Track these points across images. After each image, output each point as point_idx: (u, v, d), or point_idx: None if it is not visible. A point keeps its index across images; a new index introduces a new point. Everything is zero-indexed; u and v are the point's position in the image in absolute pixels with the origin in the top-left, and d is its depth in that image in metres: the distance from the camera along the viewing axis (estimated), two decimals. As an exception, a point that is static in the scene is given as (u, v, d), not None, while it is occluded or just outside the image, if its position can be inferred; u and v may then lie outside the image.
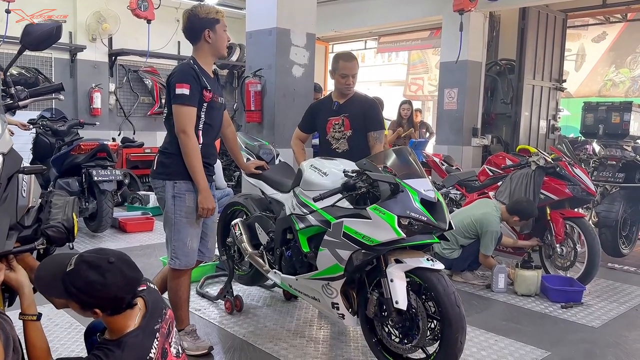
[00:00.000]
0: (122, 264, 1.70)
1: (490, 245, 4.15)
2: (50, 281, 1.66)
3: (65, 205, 1.88)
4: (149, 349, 1.71)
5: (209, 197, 2.80)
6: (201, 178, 2.76)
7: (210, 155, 2.94)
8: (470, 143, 7.54)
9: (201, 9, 2.83)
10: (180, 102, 2.72)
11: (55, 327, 3.11)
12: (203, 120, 2.83)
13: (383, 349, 2.73)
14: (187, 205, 2.81)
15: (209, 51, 2.88)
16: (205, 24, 2.81)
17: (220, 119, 3.00)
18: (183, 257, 2.86)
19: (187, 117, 2.73)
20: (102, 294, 1.65)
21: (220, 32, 2.85)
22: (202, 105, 2.81)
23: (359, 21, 9.20)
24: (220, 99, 2.95)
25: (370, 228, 2.48)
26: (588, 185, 4.39)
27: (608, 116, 5.40)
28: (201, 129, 2.83)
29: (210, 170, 2.95)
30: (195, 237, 2.89)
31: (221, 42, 2.87)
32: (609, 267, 5.00)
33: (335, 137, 3.59)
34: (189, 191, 2.81)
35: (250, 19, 4.90)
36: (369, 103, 3.63)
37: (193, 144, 2.73)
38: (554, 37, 8.13)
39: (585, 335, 3.37)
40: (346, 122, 3.55)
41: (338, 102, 3.60)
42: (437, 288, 2.47)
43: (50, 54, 8.18)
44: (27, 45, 1.82)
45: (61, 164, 5.73)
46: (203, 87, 2.78)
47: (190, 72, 2.77)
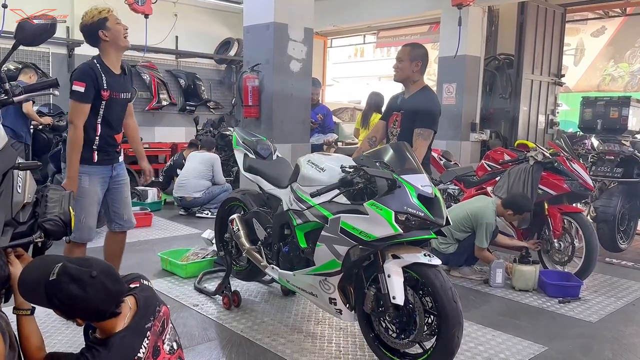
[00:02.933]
0: (104, 278, 1.68)
1: (485, 238, 4.14)
2: (34, 287, 1.64)
3: (61, 199, 1.88)
4: (137, 349, 1.71)
5: (74, 184, 3.06)
6: (73, 166, 3.07)
7: (109, 145, 3.24)
8: (469, 138, 7.53)
9: (86, 15, 3.15)
10: (75, 98, 3.05)
11: (54, 321, 3.13)
12: (101, 115, 3.14)
13: (380, 344, 2.73)
14: (81, 185, 3.12)
15: (110, 48, 3.14)
16: (95, 26, 3.10)
17: (121, 112, 3.31)
18: (76, 231, 3.08)
19: (77, 111, 3.06)
20: (82, 306, 1.64)
21: (112, 26, 3.10)
22: (101, 103, 3.11)
23: (357, 15, 9.17)
24: (124, 94, 3.26)
25: (368, 224, 2.47)
26: (586, 180, 4.39)
27: (606, 111, 5.39)
28: (99, 123, 3.15)
29: (112, 154, 3.28)
30: (89, 214, 3.19)
31: (117, 35, 3.11)
32: (606, 262, 5.01)
33: (392, 132, 3.62)
34: (84, 173, 3.13)
35: (248, 13, 4.87)
36: (428, 99, 3.54)
37: (78, 136, 3.06)
38: (553, 32, 8.10)
39: (583, 330, 3.38)
40: (399, 120, 3.55)
41: (403, 96, 3.62)
42: (434, 283, 2.47)
43: (48, 49, 8.13)
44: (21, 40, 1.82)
45: (59, 160, 5.71)
46: (100, 87, 3.07)
47: (90, 72, 3.06)
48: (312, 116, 5.80)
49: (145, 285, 1.90)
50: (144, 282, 1.91)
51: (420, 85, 3.60)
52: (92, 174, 3.16)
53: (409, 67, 3.52)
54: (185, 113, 9.54)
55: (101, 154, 3.19)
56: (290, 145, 4.76)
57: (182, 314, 3.42)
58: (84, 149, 3.11)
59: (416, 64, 3.53)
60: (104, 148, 3.20)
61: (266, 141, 3.69)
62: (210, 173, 6.83)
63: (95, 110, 3.11)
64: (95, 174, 3.18)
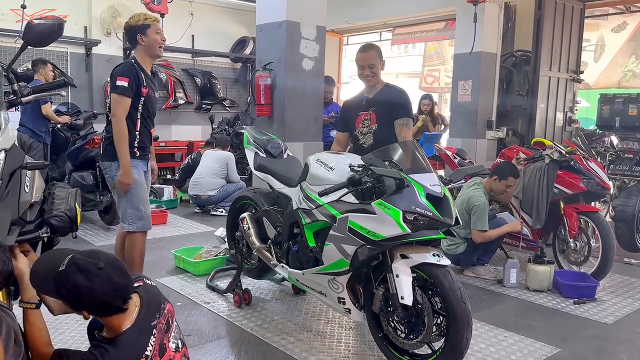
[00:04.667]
0: (111, 270, 1.69)
1: (482, 221, 4.08)
2: (44, 278, 1.68)
3: (67, 196, 1.91)
4: (144, 347, 1.72)
5: (128, 174, 3.26)
6: (125, 156, 3.23)
7: (146, 140, 3.44)
8: (485, 136, 7.44)
9: (132, 18, 3.34)
10: (119, 92, 3.22)
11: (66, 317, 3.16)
12: (140, 111, 3.33)
13: (389, 344, 2.72)
14: (134, 177, 3.31)
15: (144, 52, 3.34)
16: (137, 29, 3.30)
17: (155, 111, 3.50)
18: (139, 220, 3.37)
19: (120, 105, 3.23)
20: (88, 298, 1.66)
21: (151, 35, 3.29)
22: (140, 99, 3.29)
23: (372, 13, 9.12)
24: (156, 93, 3.50)
25: (376, 223, 2.46)
26: (603, 179, 4.31)
27: (625, 108, 5.29)
28: (139, 119, 3.33)
29: (147, 150, 3.47)
30: (146, 202, 3.40)
31: (152, 44, 3.31)
32: (624, 262, 4.92)
33: (363, 132, 3.58)
34: (133, 166, 3.30)
35: (260, 12, 4.88)
36: (396, 92, 3.57)
37: (122, 127, 3.22)
38: (571, 28, 7.96)
39: (597, 332, 3.32)
40: (373, 116, 3.53)
41: (367, 97, 3.60)
42: (443, 284, 2.45)
43: (66, 48, 8.26)
44: (29, 41, 1.84)
45: (76, 158, 5.81)
46: (141, 84, 3.27)
47: (132, 69, 3.26)
48: (325, 114, 5.79)
49: (149, 283, 1.92)
50: (147, 281, 1.93)
51: (383, 83, 3.59)
52: (137, 166, 3.35)
53: (380, 67, 3.53)
54: (201, 111, 9.61)
55: (140, 150, 3.38)
56: (302, 144, 4.77)
57: (194, 312, 3.44)
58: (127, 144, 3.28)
59: (383, 62, 3.55)
60: (142, 145, 3.39)
61: (277, 140, 3.69)
62: (225, 171, 6.87)
63: (135, 107, 3.28)
64: (138, 167, 3.37)
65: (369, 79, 3.53)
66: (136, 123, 3.33)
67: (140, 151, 3.39)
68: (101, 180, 5.60)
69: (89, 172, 5.66)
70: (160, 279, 4.02)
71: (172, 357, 1.83)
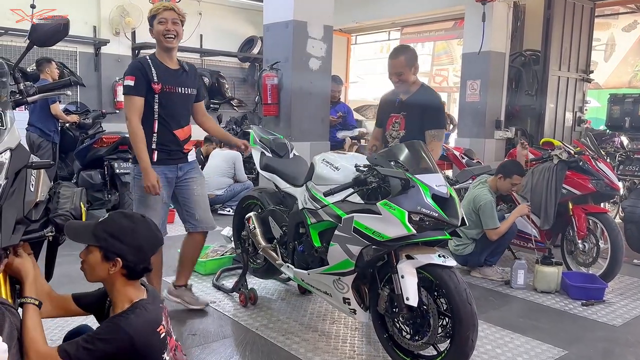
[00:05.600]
0: (152, 222, 1.86)
1: (492, 219, 4.07)
2: (79, 228, 1.79)
3: (73, 195, 1.91)
4: (160, 318, 1.76)
5: (149, 175, 3.02)
6: (141, 158, 3.03)
7: (169, 142, 3.17)
8: (493, 136, 7.40)
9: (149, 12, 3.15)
10: (126, 92, 3.06)
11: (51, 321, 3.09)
12: (157, 111, 3.10)
13: (394, 345, 2.70)
14: (142, 184, 3.08)
15: (157, 45, 3.16)
16: (149, 22, 3.15)
17: (181, 108, 3.22)
18: None
19: (130, 105, 3.05)
20: (130, 239, 1.75)
21: (156, 26, 3.10)
22: (154, 97, 3.07)
23: (380, 12, 9.09)
24: (182, 89, 3.19)
25: (381, 223, 2.45)
26: (612, 179, 4.28)
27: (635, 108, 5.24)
28: (156, 119, 3.10)
29: (175, 154, 3.22)
30: (153, 213, 3.08)
31: (157, 36, 3.11)
32: (634, 263, 4.87)
33: (392, 135, 3.51)
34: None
35: (268, 11, 4.88)
36: (430, 97, 3.45)
37: (134, 129, 3.03)
38: (581, 27, 7.89)
39: (605, 334, 3.29)
40: (402, 122, 3.45)
41: (401, 98, 3.50)
42: (449, 285, 2.44)
43: (75, 48, 8.31)
44: (35, 41, 1.86)
45: (84, 157, 5.84)
46: (150, 80, 3.05)
47: (138, 65, 3.08)
48: (332, 114, 5.79)
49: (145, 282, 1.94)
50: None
51: (418, 84, 3.49)
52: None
53: (410, 73, 3.41)
54: (209, 111, 9.62)
55: (161, 153, 3.13)
56: (309, 144, 4.76)
57: (199, 311, 3.44)
58: None
59: (415, 67, 3.43)
60: (164, 147, 3.14)
61: (283, 139, 3.69)
62: (232, 171, 6.88)
63: (150, 106, 3.08)
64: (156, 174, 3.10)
65: (398, 86, 3.46)
66: (153, 124, 3.09)
67: (161, 154, 3.13)
68: (109, 179, 5.63)
69: (97, 171, 5.68)
70: (166, 277, 4.02)
71: (176, 344, 1.86)
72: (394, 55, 3.44)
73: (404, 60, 3.39)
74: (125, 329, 1.64)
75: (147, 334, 1.68)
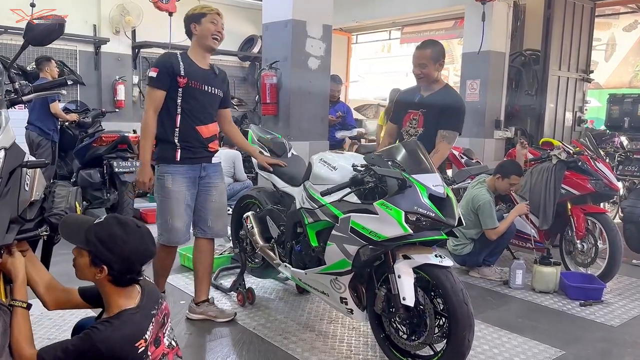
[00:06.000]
0: (145, 233, 1.79)
1: (490, 218, 4.06)
2: (74, 227, 1.76)
3: (68, 194, 1.91)
4: (144, 330, 1.72)
5: (143, 171, 3.02)
6: (142, 153, 3.02)
7: (192, 139, 3.08)
8: (493, 136, 7.40)
9: (192, 8, 3.12)
10: (147, 83, 3.06)
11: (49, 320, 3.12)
12: (179, 105, 3.03)
13: (391, 345, 2.71)
14: (165, 185, 3.05)
15: (197, 42, 3.10)
16: (192, 18, 3.07)
17: (208, 106, 3.15)
18: (165, 233, 3.13)
19: (151, 97, 3.01)
20: (119, 249, 1.71)
21: (205, 24, 3.04)
22: (177, 90, 3.00)
23: (380, 11, 9.09)
24: (210, 88, 3.12)
25: (377, 223, 2.44)
26: (611, 180, 4.27)
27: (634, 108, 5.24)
28: (179, 113, 3.04)
29: (199, 152, 3.12)
30: (176, 215, 3.08)
31: (205, 33, 3.05)
32: (633, 264, 4.87)
33: (409, 132, 3.43)
34: (167, 173, 3.05)
35: (267, 10, 4.88)
36: (453, 98, 3.38)
37: (148, 122, 3.00)
38: (581, 27, 7.88)
39: (603, 335, 3.28)
40: (420, 119, 3.38)
41: (422, 95, 3.43)
42: (445, 285, 2.44)
43: (75, 46, 8.32)
44: (30, 40, 1.85)
45: (83, 156, 5.84)
46: (176, 73, 2.98)
47: (166, 59, 3.04)
48: (332, 113, 5.79)
49: (146, 279, 1.93)
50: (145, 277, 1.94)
51: (442, 83, 3.44)
52: (175, 173, 3.03)
53: (434, 68, 3.35)
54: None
55: (184, 151, 3.04)
56: (308, 143, 4.76)
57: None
58: (166, 147, 3.03)
59: (440, 64, 3.37)
60: (186, 145, 3.05)
61: (281, 139, 3.69)
62: (232, 170, 6.87)
63: (173, 99, 3.00)
64: (178, 174, 3.04)
65: (420, 79, 3.39)
66: (175, 118, 3.01)
67: (184, 153, 3.03)
68: (108, 178, 5.63)
69: (96, 170, 5.67)
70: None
71: (165, 352, 1.83)
72: (421, 46, 3.39)
73: (430, 53, 3.34)
74: (97, 345, 1.62)
75: (122, 348, 1.65)
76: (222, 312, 3.30)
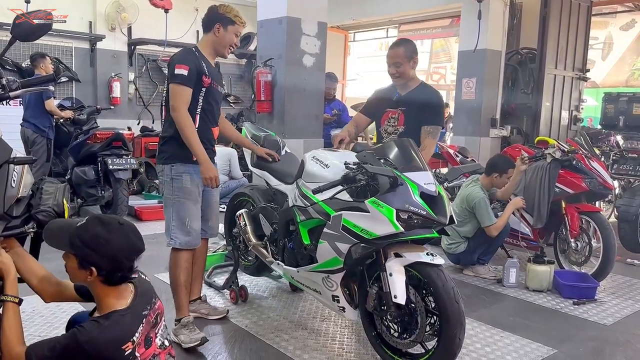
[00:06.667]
0: (130, 230, 1.77)
1: (488, 215, 4.08)
2: (57, 232, 1.73)
3: (56, 191, 1.90)
4: (134, 331, 1.71)
5: (210, 167, 2.90)
6: (199, 150, 2.85)
7: (207, 140, 3.00)
8: (489, 134, 7.39)
9: (224, 6, 2.97)
10: (178, 81, 2.83)
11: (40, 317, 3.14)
12: (201, 105, 2.94)
13: (382, 343, 2.70)
14: (184, 186, 2.92)
15: (211, 44, 2.99)
16: (219, 18, 2.94)
17: (218, 106, 3.09)
18: (182, 236, 2.97)
19: (180, 95, 2.84)
20: (103, 249, 1.69)
21: (229, 32, 2.95)
22: (201, 90, 2.91)
23: (377, 9, 9.08)
24: (220, 87, 3.09)
25: (369, 221, 2.44)
26: (605, 178, 4.27)
27: (629, 107, 5.23)
28: (198, 113, 2.94)
29: (210, 153, 3.02)
30: (194, 217, 2.98)
31: (225, 41, 2.97)
32: (627, 262, 4.87)
33: (388, 130, 3.41)
34: (186, 172, 2.93)
35: (262, 7, 4.86)
36: (431, 94, 3.38)
37: (185, 119, 2.83)
38: (578, 25, 7.86)
39: (596, 333, 3.28)
40: (401, 117, 3.36)
41: (400, 93, 3.41)
42: (436, 283, 2.43)
43: (71, 43, 8.27)
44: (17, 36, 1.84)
45: (78, 153, 5.82)
46: (202, 72, 2.88)
47: (192, 55, 2.90)
48: (327, 111, 5.78)
49: (143, 278, 1.92)
50: (142, 275, 1.93)
51: (417, 81, 3.43)
52: (192, 173, 2.94)
53: (409, 66, 3.33)
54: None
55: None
56: (302, 141, 4.75)
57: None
58: (181, 146, 2.88)
59: (414, 61, 3.35)
60: (202, 144, 2.94)
61: (274, 136, 3.68)
62: (227, 167, 6.85)
63: (195, 99, 2.90)
64: (195, 174, 2.94)
65: (395, 78, 3.37)
66: (195, 118, 2.91)
67: None
68: (103, 175, 5.62)
69: (90, 167, 5.66)
70: (158, 274, 4.02)
71: (157, 352, 1.82)
72: (393, 46, 3.39)
73: (403, 51, 3.32)
74: (83, 346, 1.61)
75: (107, 350, 1.64)
76: (214, 309, 3.29)
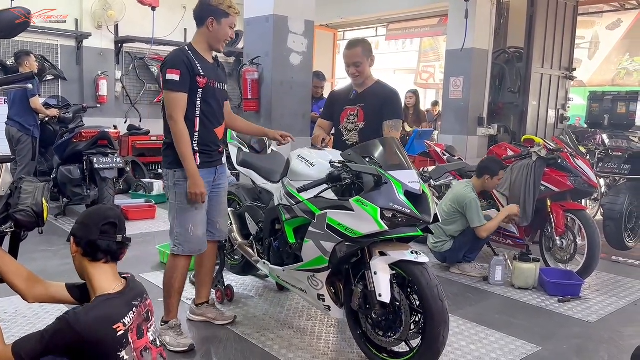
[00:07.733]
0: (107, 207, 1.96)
1: (478, 216, 4.10)
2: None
3: (35, 190, 1.88)
4: (122, 315, 1.72)
5: (197, 182, 2.77)
6: (189, 163, 2.74)
7: (210, 143, 2.90)
8: (476, 133, 7.43)
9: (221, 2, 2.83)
10: (170, 88, 2.73)
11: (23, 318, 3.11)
12: (199, 107, 2.81)
13: (367, 342, 2.70)
14: (186, 192, 2.80)
15: (206, 39, 2.87)
16: (212, 11, 2.81)
17: (220, 105, 2.96)
18: (185, 243, 2.88)
19: (175, 103, 2.73)
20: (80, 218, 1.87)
21: (224, 25, 2.83)
22: (197, 92, 2.79)
23: (365, 8, 9.09)
24: (220, 84, 2.94)
25: (353, 220, 2.44)
26: (590, 177, 4.30)
27: (614, 106, 5.28)
28: (197, 116, 2.82)
29: (215, 155, 2.95)
30: (198, 223, 2.89)
31: (220, 35, 2.85)
32: (612, 260, 4.91)
33: (348, 128, 3.43)
34: (187, 179, 2.80)
35: (249, 5, 4.84)
36: (388, 92, 3.40)
37: (180, 130, 2.73)
38: (564, 25, 7.93)
39: (580, 330, 3.31)
40: (360, 113, 3.38)
41: (357, 91, 3.44)
42: (420, 281, 2.44)
43: (57, 41, 8.19)
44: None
45: (63, 151, 5.77)
46: (196, 73, 2.76)
47: (182, 57, 2.77)
48: (315, 110, 5.77)
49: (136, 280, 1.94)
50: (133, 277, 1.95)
51: (374, 79, 3.45)
52: None
53: (367, 65, 3.36)
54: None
55: (203, 155, 2.86)
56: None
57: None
58: None
59: (371, 59, 3.37)
60: (205, 149, 2.87)
61: (261, 135, 3.66)
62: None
63: (192, 102, 2.78)
64: None
65: (356, 78, 3.39)
66: (194, 122, 2.80)
67: (202, 157, 2.85)
68: (88, 174, 5.57)
69: (76, 166, 5.61)
70: (144, 274, 3.99)
71: (148, 347, 1.82)
72: (349, 46, 3.41)
73: (361, 51, 3.34)
74: (73, 326, 1.62)
75: (98, 329, 1.65)
76: (221, 314, 3.22)
